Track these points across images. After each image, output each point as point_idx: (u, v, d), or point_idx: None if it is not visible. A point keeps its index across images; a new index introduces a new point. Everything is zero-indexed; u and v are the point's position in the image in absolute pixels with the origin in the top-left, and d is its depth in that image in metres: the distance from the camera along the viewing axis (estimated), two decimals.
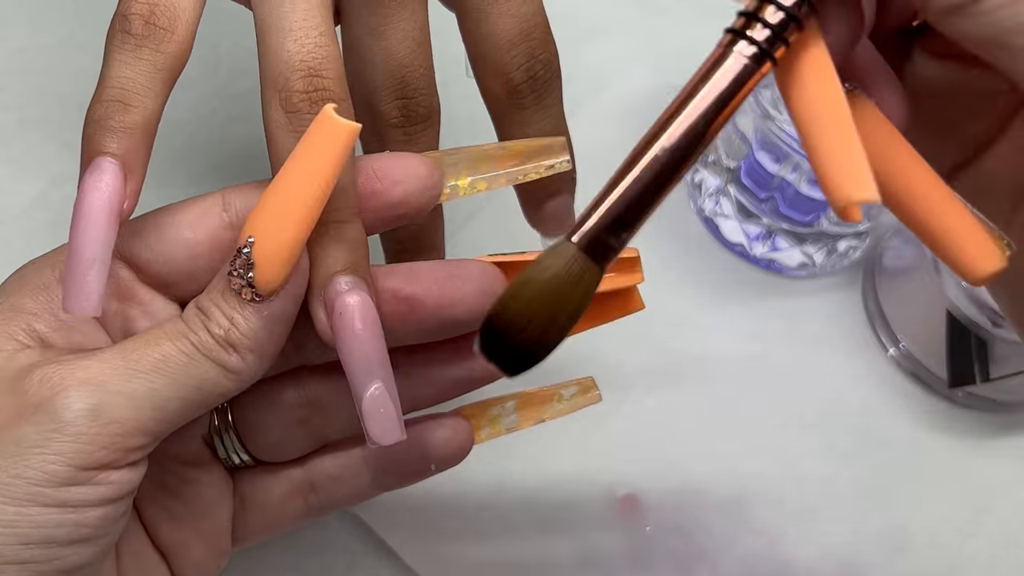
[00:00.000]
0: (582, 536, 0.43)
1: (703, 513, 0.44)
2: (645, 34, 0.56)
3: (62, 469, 0.26)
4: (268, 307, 0.27)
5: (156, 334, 0.28)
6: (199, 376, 0.27)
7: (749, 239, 0.49)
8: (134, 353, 0.27)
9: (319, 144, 0.26)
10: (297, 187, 0.26)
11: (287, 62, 0.28)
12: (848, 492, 0.45)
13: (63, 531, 0.26)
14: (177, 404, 0.27)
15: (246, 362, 0.28)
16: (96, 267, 0.27)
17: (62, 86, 0.51)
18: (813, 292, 0.50)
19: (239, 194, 0.30)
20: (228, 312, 0.27)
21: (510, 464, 0.44)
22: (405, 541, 0.42)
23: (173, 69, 0.28)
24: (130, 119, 0.27)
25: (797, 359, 0.48)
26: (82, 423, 0.26)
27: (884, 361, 0.48)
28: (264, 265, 0.26)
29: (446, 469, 0.34)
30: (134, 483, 0.27)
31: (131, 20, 0.27)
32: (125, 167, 0.27)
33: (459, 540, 0.42)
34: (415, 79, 0.32)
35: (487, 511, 0.43)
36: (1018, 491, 0.46)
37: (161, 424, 0.27)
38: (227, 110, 0.51)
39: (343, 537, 0.42)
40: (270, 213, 0.26)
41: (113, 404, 0.26)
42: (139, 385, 0.27)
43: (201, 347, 0.27)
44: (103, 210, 0.27)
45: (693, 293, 0.49)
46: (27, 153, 0.49)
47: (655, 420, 0.46)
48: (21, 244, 0.47)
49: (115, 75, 0.27)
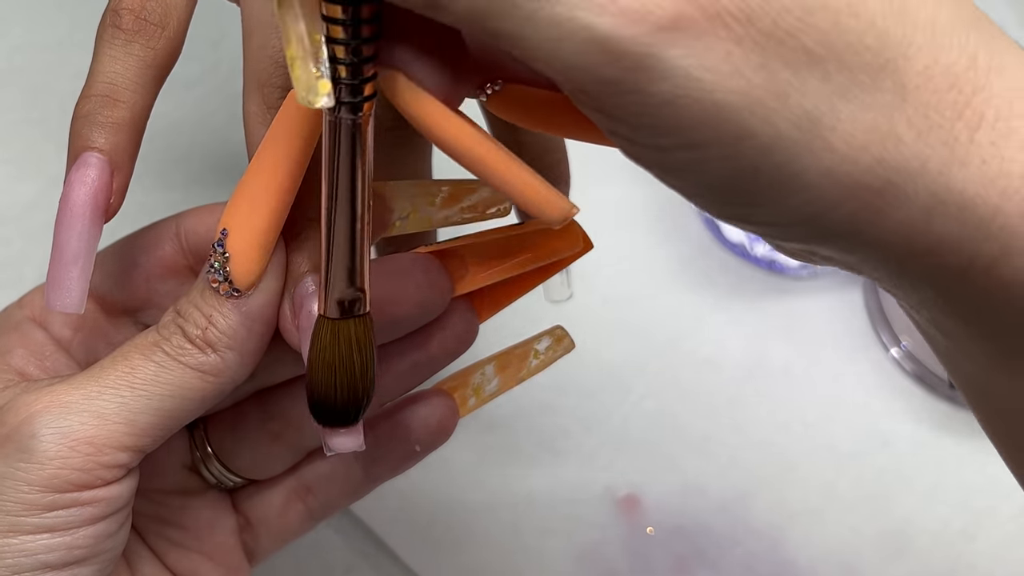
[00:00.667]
0: (582, 536, 0.43)
1: (704, 513, 0.44)
2: None
3: (39, 496, 0.25)
4: (246, 302, 0.27)
5: (126, 348, 0.27)
6: (173, 383, 0.26)
7: (750, 239, 0.49)
8: (103, 371, 0.26)
9: (285, 128, 0.25)
10: (267, 175, 0.26)
11: (272, 58, 0.27)
12: (849, 492, 0.45)
13: (56, 555, 0.25)
14: (151, 416, 0.26)
15: (225, 361, 0.27)
16: (80, 263, 0.27)
17: (62, 86, 0.50)
18: (814, 292, 0.50)
19: (192, 219, 0.30)
20: (206, 311, 0.27)
21: (510, 464, 0.44)
22: (405, 541, 0.42)
23: (163, 66, 0.28)
24: (118, 114, 0.27)
25: (798, 359, 0.48)
26: (50, 448, 0.25)
27: (885, 361, 0.48)
28: (239, 256, 0.26)
29: (434, 448, 0.33)
30: (124, 498, 0.27)
31: (122, 15, 0.27)
32: (112, 162, 0.27)
33: (459, 540, 0.42)
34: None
35: (487, 511, 0.43)
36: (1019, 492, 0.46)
37: (138, 438, 0.26)
38: (227, 110, 0.51)
39: (343, 537, 0.42)
40: (242, 203, 0.26)
41: (80, 424, 0.25)
42: (106, 401, 0.26)
43: (174, 353, 0.26)
44: (88, 205, 0.27)
45: (694, 293, 0.49)
46: (26, 153, 0.49)
47: (655, 420, 0.46)
48: (21, 244, 0.47)
49: (104, 70, 0.27)
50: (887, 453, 0.46)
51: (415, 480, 0.43)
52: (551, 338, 0.34)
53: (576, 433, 0.45)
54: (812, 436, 0.46)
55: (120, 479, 0.26)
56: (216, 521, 0.33)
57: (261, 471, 0.33)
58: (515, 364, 0.34)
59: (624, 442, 0.45)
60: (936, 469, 0.46)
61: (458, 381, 0.34)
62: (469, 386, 0.34)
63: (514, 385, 0.34)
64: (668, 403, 0.46)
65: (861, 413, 0.47)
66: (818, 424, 0.46)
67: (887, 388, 0.48)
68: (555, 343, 0.34)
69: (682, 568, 0.43)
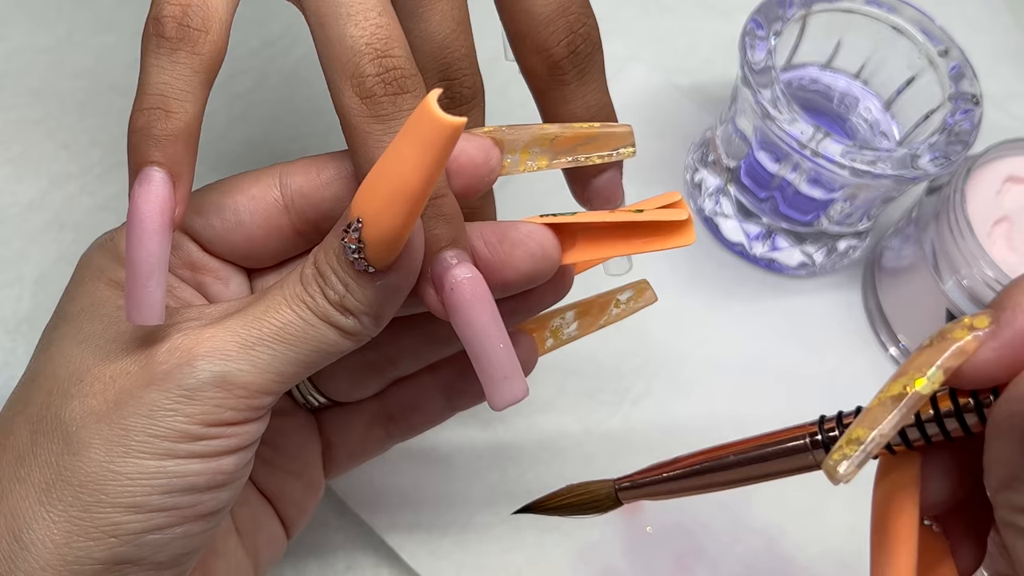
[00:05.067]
0: (582, 535, 0.43)
1: (703, 512, 0.44)
2: (648, 33, 0.56)
3: (194, 428, 0.27)
4: (383, 278, 0.28)
5: (276, 299, 0.28)
6: (318, 339, 0.28)
7: (749, 239, 0.49)
8: (256, 321, 0.28)
9: (423, 137, 0.24)
10: (405, 178, 0.25)
11: (352, 47, 0.27)
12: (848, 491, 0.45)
13: (203, 479, 0.28)
14: (297, 367, 0.28)
15: (363, 324, 0.28)
16: (155, 277, 0.27)
17: (62, 86, 0.51)
18: (813, 291, 0.50)
19: (294, 174, 0.30)
20: (343, 278, 0.28)
21: (510, 464, 0.44)
22: (405, 541, 0.42)
23: (211, 70, 0.28)
24: (172, 126, 0.27)
25: (797, 358, 0.48)
26: (210, 389, 0.27)
27: (884, 360, 0.48)
28: (374, 247, 0.27)
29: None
30: (261, 431, 0.29)
31: (164, 23, 0.27)
32: (172, 174, 0.28)
33: (459, 540, 0.42)
34: (457, 59, 0.31)
35: (487, 511, 0.43)
36: None
37: (283, 384, 0.28)
38: (227, 110, 0.51)
39: (343, 537, 0.42)
40: (378, 200, 0.26)
41: (238, 372, 0.28)
42: (261, 352, 0.28)
43: (318, 312, 0.28)
44: (156, 220, 0.27)
45: (693, 293, 0.49)
46: (27, 153, 0.49)
47: (655, 420, 0.46)
48: (21, 244, 0.47)
49: (153, 81, 0.27)
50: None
51: (415, 479, 0.43)
52: (634, 290, 0.36)
53: (576, 433, 0.45)
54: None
55: (261, 417, 0.29)
56: (304, 441, 0.36)
57: (350, 395, 0.36)
58: (595, 312, 0.36)
59: (624, 442, 0.45)
60: None
61: (538, 323, 0.36)
62: (547, 328, 0.36)
63: (592, 331, 0.36)
64: (668, 403, 0.46)
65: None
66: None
67: None
68: (637, 295, 0.36)
69: (682, 567, 0.43)
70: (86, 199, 0.48)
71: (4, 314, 0.45)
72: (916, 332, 0.47)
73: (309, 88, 0.52)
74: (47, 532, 0.27)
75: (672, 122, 0.53)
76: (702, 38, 0.56)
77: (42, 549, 0.27)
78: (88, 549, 0.27)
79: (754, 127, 0.45)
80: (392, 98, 0.27)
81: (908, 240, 0.47)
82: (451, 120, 0.24)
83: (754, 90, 0.43)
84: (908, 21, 0.46)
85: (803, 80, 0.50)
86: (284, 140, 0.51)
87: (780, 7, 0.46)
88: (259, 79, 0.52)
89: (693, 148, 0.52)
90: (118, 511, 0.27)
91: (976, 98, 0.45)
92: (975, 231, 0.43)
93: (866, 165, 0.42)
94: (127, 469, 0.27)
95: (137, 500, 0.27)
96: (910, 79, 0.47)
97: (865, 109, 0.49)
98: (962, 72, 0.45)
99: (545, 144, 0.31)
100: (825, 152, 0.42)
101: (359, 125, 0.28)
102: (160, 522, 0.27)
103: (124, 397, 0.27)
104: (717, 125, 0.49)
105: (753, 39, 0.44)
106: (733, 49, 0.45)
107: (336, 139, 0.29)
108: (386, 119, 0.28)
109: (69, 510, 0.27)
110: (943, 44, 0.46)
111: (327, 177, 0.30)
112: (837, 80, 0.50)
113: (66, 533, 0.27)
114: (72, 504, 0.27)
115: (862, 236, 0.50)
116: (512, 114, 0.49)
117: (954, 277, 0.44)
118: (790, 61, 0.49)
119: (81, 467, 0.27)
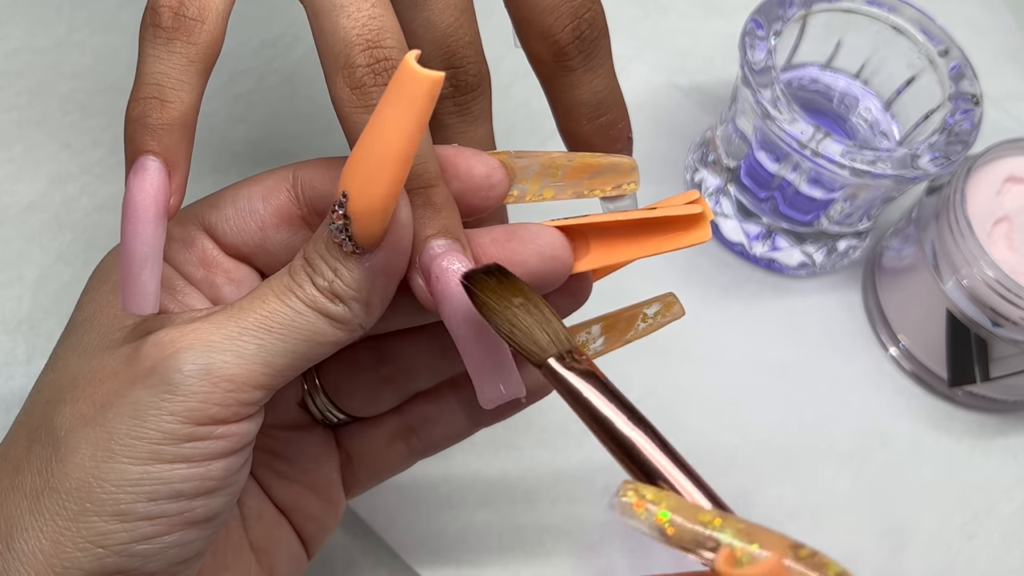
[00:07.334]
0: (582, 535, 0.43)
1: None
2: (648, 33, 0.56)
3: (179, 427, 0.26)
4: (370, 259, 0.27)
5: (263, 291, 0.28)
6: (307, 329, 0.28)
7: (749, 238, 0.49)
8: (241, 312, 0.27)
9: (402, 95, 0.25)
10: (385, 141, 0.25)
11: (344, 39, 0.27)
12: (848, 491, 0.45)
13: (190, 485, 0.27)
14: (287, 358, 0.28)
15: (352, 311, 0.28)
16: (149, 266, 0.27)
17: (61, 86, 0.51)
18: (813, 291, 0.50)
19: (309, 171, 0.30)
20: (332, 264, 0.27)
21: (511, 464, 0.44)
22: (405, 541, 0.42)
23: (207, 59, 0.28)
24: (168, 115, 0.27)
25: (797, 358, 0.48)
26: (194, 383, 0.26)
27: (884, 360, 0.48)
28: (360, 220, 0.26)
29: (538, 399, 0.34)
30: (252, 433, 0.28)
31: (160, 13, 0.27)
32: (168, 163, 0.27)
33: (459, 540, 0.42)
34: (461, 47, 0.31)
35: (487, 510, 0.43)
36: (1018, 491, 0.46)
37: (273, 378, 0.28)
38: (227, 110, 0.51)
39: (343, 537, 0.42)
40: (360, 169, 0.26)
41: (223, 363, 0.27)
42: (247, 342, 0.27)
43: (307, 300, 0.28)
44: (150, 209, 0.27)
45: (693, 293, 0.49)
46: (27, 153, 0.49)
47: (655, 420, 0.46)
48: (21, 244, 0.47)
49: (149, 71, 0.27)
50: (886, 452, 0.46)
51: (415, 479, 0.43)
52: (661, 304, 0.35)
53: (576, 433, 0.45)
54: (811, 435, 0.46)
55: (251, 416, 0.28)
56: (322, 455, 0.35)
57: (367, 410, 0.35)
58: (622, 327, 0.35)
59: None
60: (935, 467, 0.46)
61: None
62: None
63: (620, 346, 0.35)
64: (668, 402, 0.46)
65: (860, 412, 0.47)
66: (817, 423, 0.46)
67: (886, 387, 0.48)
68: (664, 309, 0.35)
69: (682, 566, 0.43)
70: (86, 199, 0.48)
71: (4, 314, 0.45)
72: (916, 332, 0.47)
73: (310, 88, 0.52)
74: (36, 541, 0.26)
75: (672, 122, 0.53)
76: (702, 38, 0.56)
77: (32, 559, 0.26)
78: (75, 560, 0.26)
79: (754, 127, 0.45)
80: (382, 88, 0.27)
81: (908, 240, 0.47)
82: (428, 73, 0.24)
83: (754, 90, 0.43)
84: (908, 21, 0.46)
85: (803, 80, 0.50)
86: (285, 140, 0.51)
87: (780, 7, 0.46)
88: (260, 79, 0.52)
89: (693, 148, 0.52)
90: (104, 520, 0.26)
91: (976, 98, 0.45)
92: (975, 231, 0.43)
93: (866, 165, 0.42)
94: (111, 476, 0.26)
95: (121, 508, 0.26)
96: (910, 79, 0.47)
97: (865, 109, 0.49)
98: (962, 72, 0.45)
99: (554, 175, 0.31)
100: (825, 152, 0.42)
101: (349, 115, 0.28)
102: (148, 531, 0.26)
103: (110, 398, 0.27)
104: (717, 125, 0.49)
105: (753, 39, 0.44)
106: (733, 49, 0.45)
107: (337, 138, 0.29)
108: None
109: (56, 519, 0.26)
110: (943, 44, 0.46)
111: (337, 170, 0.30)
112: (837, 80, 0.50)
113: (53, 543, 0.26)
114: (59, 513, 0.26)
115: (862, 236, 0.50)
116: (513, 114, 0.49)
117: (954, 277, 0.44)
118: (790, 61, 0.49)
119: (68, 473, 0.26)
